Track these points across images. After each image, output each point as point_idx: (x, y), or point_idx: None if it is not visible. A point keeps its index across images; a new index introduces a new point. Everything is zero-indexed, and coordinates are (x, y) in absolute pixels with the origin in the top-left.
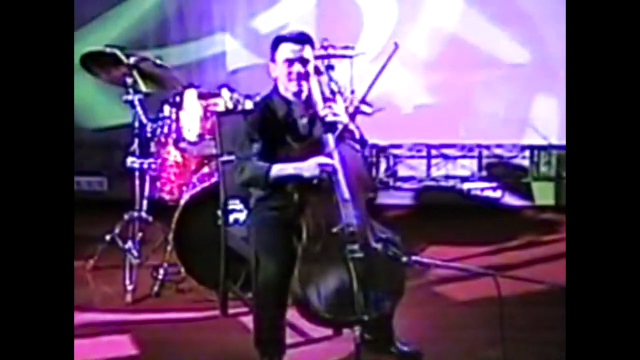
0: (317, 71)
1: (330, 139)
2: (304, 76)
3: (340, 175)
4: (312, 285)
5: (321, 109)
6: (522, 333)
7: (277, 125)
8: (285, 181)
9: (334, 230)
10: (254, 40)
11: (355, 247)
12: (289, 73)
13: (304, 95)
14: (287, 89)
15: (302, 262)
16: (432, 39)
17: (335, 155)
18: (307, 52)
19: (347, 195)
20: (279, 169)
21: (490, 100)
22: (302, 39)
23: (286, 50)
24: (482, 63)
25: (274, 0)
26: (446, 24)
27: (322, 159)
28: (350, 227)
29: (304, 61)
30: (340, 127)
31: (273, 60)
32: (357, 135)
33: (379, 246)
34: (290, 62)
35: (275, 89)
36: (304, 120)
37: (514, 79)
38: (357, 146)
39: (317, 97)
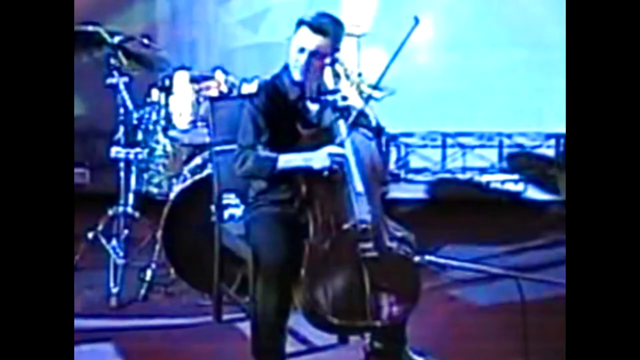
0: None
1: (342, 126)
2: (310, 69)
3: (353, 166)
4: (320, 287)
5: (332, 94)
6: (548, 343)
7: (286, 110)
8: (293, 173)
9: (345, 226)
10: (250, 18)
11: (369, 245)
12: (296, 60)
13: (313, 84)
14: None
15: (309, 261)
16: (449, 15)
17: (348, 144)
18: (323, 44)
19: (360, 188)
20: (286, 160)
21: (512, 84)
22: (321, 28)
23: (301, 35)
24: (504, 43)
25: None
26: None
27: (333, 149)
28: (363, 224)
29: (313, 54)
30: (353, 113)
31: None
32: (374, 122)
33: (393, 245)
34: (300, 49)
35: (287, 68)
36: (316, 106)
37: (539, 62)
38: (370, 134)
39: (328, 82)
